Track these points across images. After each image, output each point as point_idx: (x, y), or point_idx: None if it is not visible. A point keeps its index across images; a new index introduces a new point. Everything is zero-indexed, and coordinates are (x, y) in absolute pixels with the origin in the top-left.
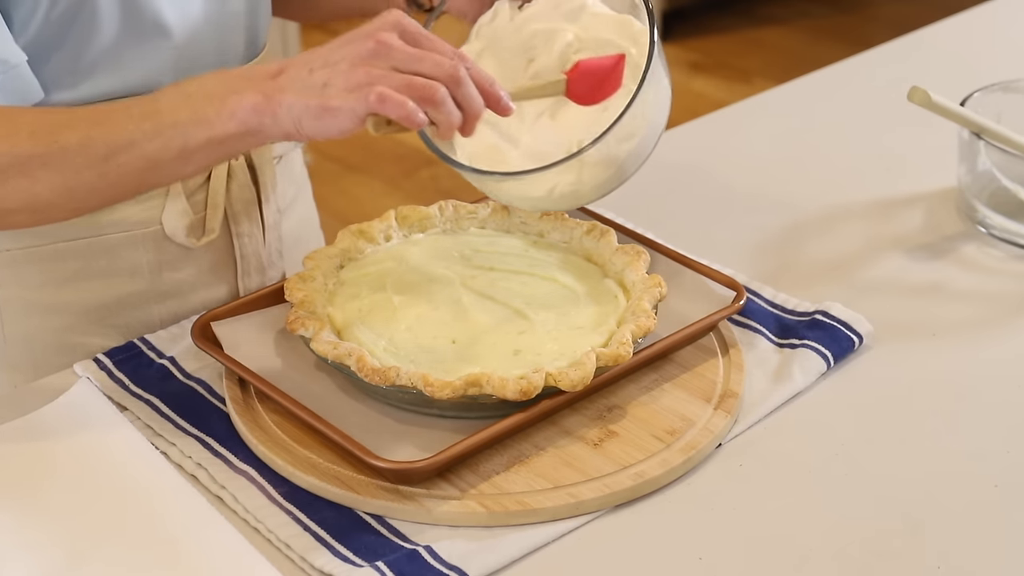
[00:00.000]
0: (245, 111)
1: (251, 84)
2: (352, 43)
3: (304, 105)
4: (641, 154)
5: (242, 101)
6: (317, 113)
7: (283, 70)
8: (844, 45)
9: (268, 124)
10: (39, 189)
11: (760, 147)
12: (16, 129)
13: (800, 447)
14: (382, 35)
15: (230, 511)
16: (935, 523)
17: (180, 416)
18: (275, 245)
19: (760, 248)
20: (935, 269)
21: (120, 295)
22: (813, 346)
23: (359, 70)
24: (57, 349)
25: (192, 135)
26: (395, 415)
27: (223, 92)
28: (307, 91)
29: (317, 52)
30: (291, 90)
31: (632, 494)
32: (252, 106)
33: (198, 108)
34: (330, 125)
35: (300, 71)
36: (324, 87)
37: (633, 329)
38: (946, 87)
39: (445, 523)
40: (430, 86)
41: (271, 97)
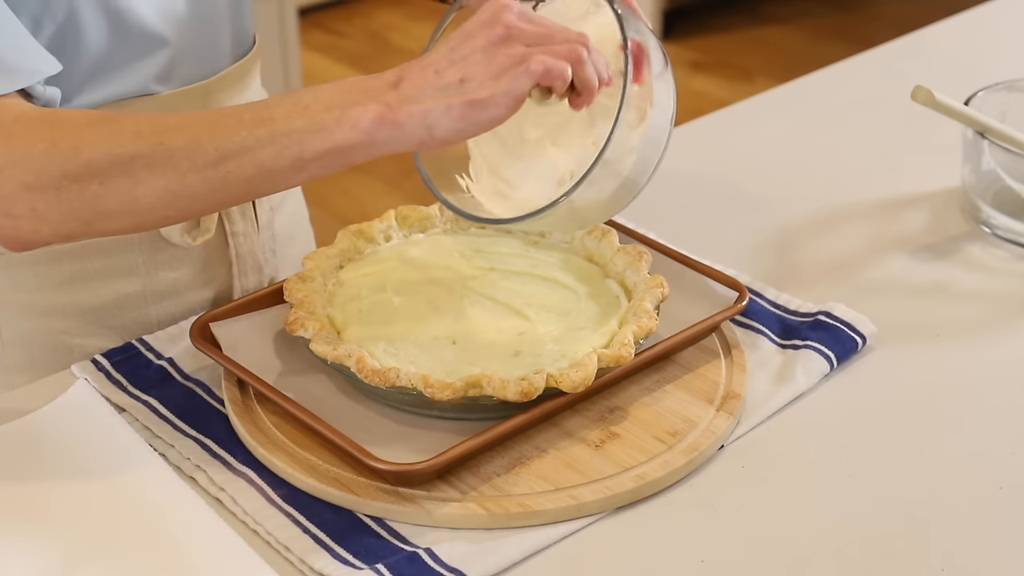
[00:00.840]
0: (369, 122)
1: (372, 95)
2: (475, 36)
3: (445, 107)
4: (650, 160)
5: (366, 112)
6: (463, 112)
7: (402, 78)
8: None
9: (396, 136)
10: (141, 191)
11: (763, 146)
12: (120, 129)
13: (803, 448)
14: (506, 19)
15: (229, 513)
16: (939, 525)
17: (179, 417)
18: (268, 243)
19: (763, 248)
20: (939, 269)
21: (117, 296)
22: (816, 347)
23: (498, 56)
24: (54, 351)
25: (309, 144)
26: (395, 416)
27: (343, 102)
28: (442, 93)
29: (434, 56)
30: (420, 98)
31: (634, 496)
32: (377, 117)
33: (316, 117)
34: (480, 118)
35: (425, 75)
36: (462, 83)
37: (635, 330)
38: (950, 86)
39: (445, 525)
40: (573, 49)
41: (396, 108)
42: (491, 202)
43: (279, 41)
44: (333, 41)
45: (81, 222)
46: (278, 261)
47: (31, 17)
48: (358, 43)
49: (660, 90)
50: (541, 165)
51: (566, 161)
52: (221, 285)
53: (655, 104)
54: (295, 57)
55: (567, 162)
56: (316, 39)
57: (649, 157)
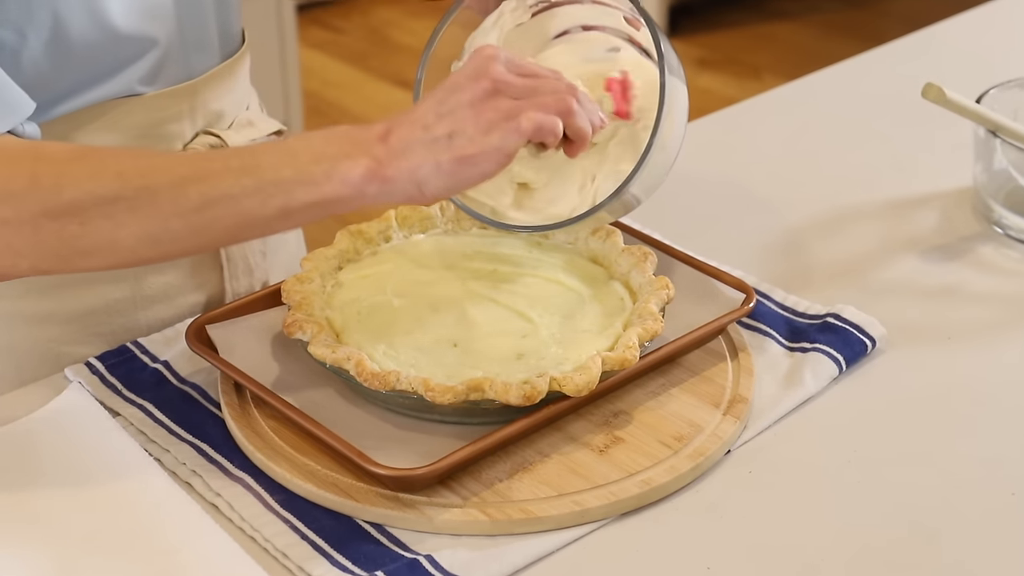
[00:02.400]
0: (359, 177)
1: (361, 149)
2: (462, 89)
3: (434, 164)
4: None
5: (355, 167)
6: (452, 168)
7: (390, 130)
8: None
9: (385, 191)
10: (122, 235)
11: (770, 145)
12: (102, 168)
13: (811, 454)
14: (493, 71)
15: (225, 519)
16: (951, 532)
17: (174, 422)
18: (258, 246)
19: (770, 249)
20: (950, 271)
21: (104, 302)
22: (825, 350)
23: (486, 111)
24: (42, 359)
25: (296, 195)
26: (395, 421)
27: (333, 154)
28: (430, 149)
29: (421, 109)
30: (408, 153)
31: (639, 502)
32: (366, 172)
33: (304, 169)
34: (470, 174)
35: (413, 130)
36: (451, 138)
37: (640, 332)
38: (961, 83)
39: (446, 532)
40: (562, 100)
41: (386, 163)
42: (513, 211)
43: (276, 38)
44: (332, 38)
45: (59, 259)
46: (268, 264)
47: (14, 28)
48: (357, 40)
49: (678, 89)
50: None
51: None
52: (212, 289)
53: (674, 111)
54: (293, 54)
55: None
56: (314, 36)
57: (663, 165)
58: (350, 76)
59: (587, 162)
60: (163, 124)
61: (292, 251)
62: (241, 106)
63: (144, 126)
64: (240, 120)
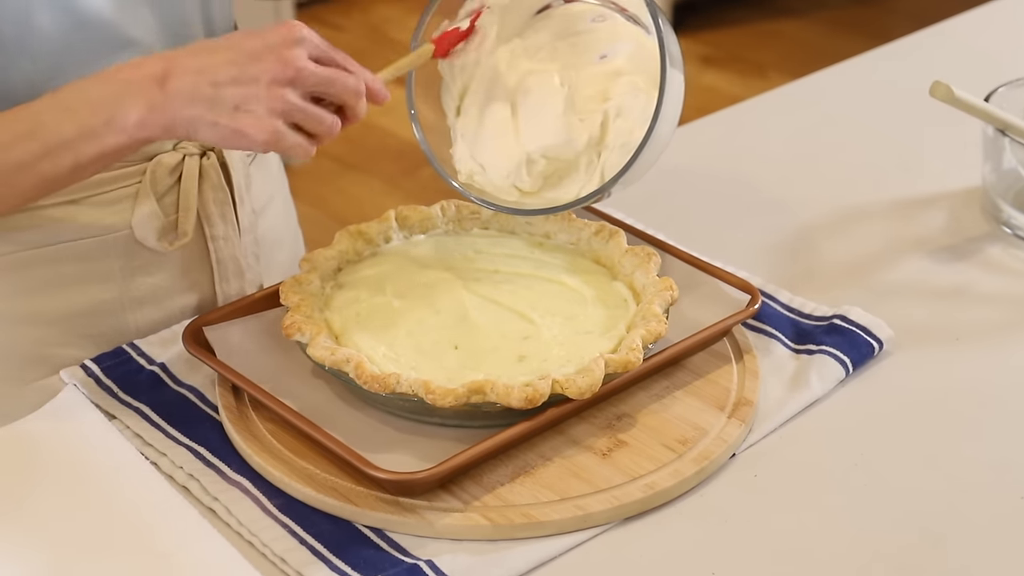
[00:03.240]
0: (133, 125)
1: (136, 92)
2: (263, 61)
3: (211, 123)
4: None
5: (129, 115)
6: (227, 134)
7: (169, 73)
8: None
9: (158, 134)
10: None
11: (776, 144)
12: None
13: (817, 457)
14: (296, 58)
15: (223, 524)
16: (958, 537)
17: (171, 425)
18: (251, 248)
19: (776, 250)
20: (958, 271)
21: (93, 303)
22: (831, 352)
23: (276, 100)
24: (32, 362)
25: (82, 151)
26: (395, 424)
27: (107, 101)
28: (214, 109)
29: (215, 60)
30: (189, 104)
31: (642, 506)
32: (140, 120)
33: (84, 121)
34: (239, 144)
35: (199, 83)
36: (236, 109)
37: (643, 334)
38: (969, 82)
39: (447, 536)
40: (332, 129)
41: (161, 109)
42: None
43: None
44: (331, 35)
45: None
46: (262, 267)
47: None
48: (357, 37)
49: (675, 78)
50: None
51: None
52: (203, 291)
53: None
54: None
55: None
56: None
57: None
58: None
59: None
60: None
61: (289, 253)
62: None
63: None
64: None
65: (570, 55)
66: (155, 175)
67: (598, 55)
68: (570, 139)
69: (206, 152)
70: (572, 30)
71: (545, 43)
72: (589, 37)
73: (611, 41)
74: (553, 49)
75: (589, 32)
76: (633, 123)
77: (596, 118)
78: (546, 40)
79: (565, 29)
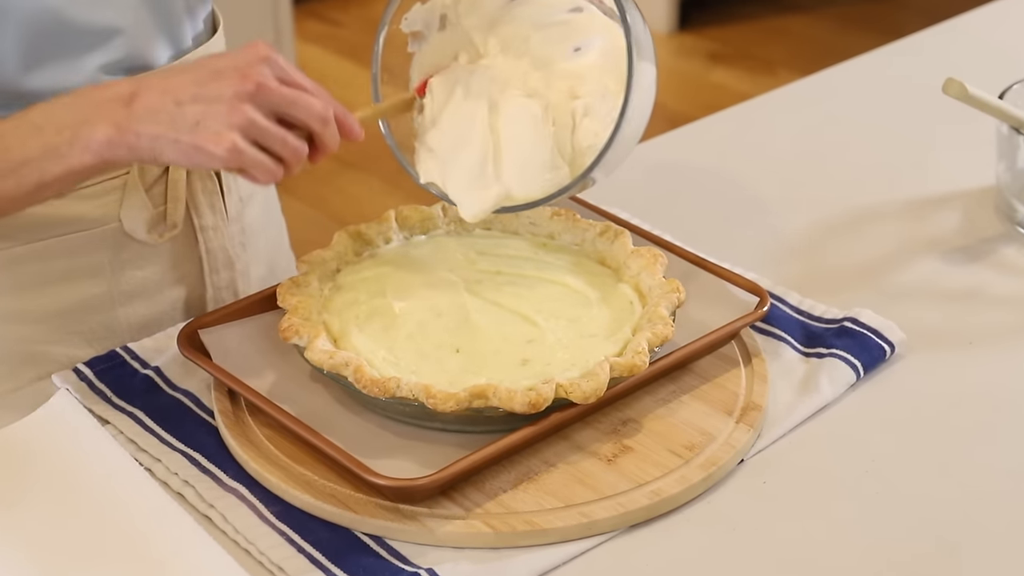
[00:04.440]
0: (99, 144)
1: (103, 112)
2: (225, 79)
3: (172, 140)
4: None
5: (95, 133)
6: (187, 151)
7: (136, 94)
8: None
9: (124, 155)
10: None
11: (785, 143)
12: None
13: (828, 463)
14: (259, 75)
15: (219, 531)
16: (972, 545)
17: (166, 430)
18: (238, 237)
19: (785, 251)
20: (972, 273)
21: (82, 298)
22: (841, 355)
23: (236, 115)
24: (22, 360)
25: (47, 170)
26: (395, 429)
27: (74, 122)
28: (175, 125)
29: (178, 80)
30: (153, 122)
31: (648, 513)
32: (106, 139)
33: (49, 140)
34: (201, 161)
35: (163, 101)
36: (196, 125)
37: (649, 337)
38: (983, 79)
39: (448, 544)
40: (297, 153)
41: (126, 129)
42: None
43: (272, 31)
44: (329, 31)
45: None
46: (248, 255)
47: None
48: (355, 33)
49: (645, 71)
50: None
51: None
52: (192, 283)
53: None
54: (289, 48)
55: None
56: (311, 29)
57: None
58: (348, 71)
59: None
60: None
61: (271, 241)
62: None
63: None
64: None
65: (543, 47)
66: (143, 166)
67: (572, 47)
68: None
69: None
70: (548, 20)
71: (519, 34)
72: (564, 28)
73: (585, 34)
74: (526, 40)
75: (564, 24)
76: (600, 125)
77: (566, 120)
78: (520, 30)
79: (541, 19)
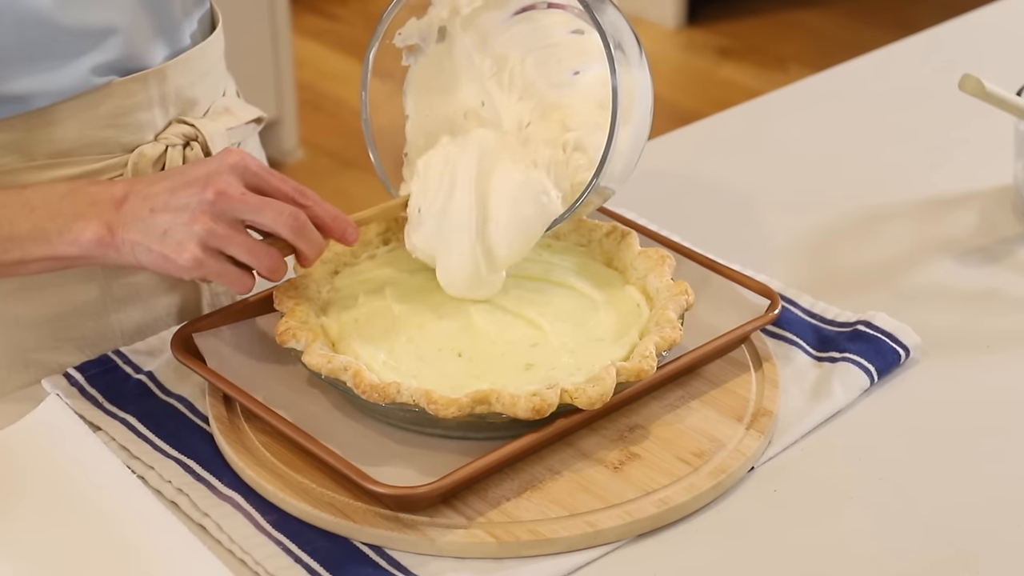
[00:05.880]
0: (88, 241)
1: (97, 211)
2: (192, 186)
3: (146, 248)
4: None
5: (86, 231)
6: (158, 259)
7: (126, 197)
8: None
9: (112, 256)
10: None
11: (796, 141)
12: None
13: (841, 471)
14: (223, 183)
15: (214, 541)
16: (991, 555)
17: (159, 437)
18: None
19: (796, 252)
20: (989, 274)
21: (72, 303)
22: (855, 360)
23: (197, 225)
24: (11, 367)
25: (30, 250)
26: (395, 436)
27: (68, 213)
28: (148, 234)
29: (158, 187)
30: (133, 228)
31: (656, 522)
32: (95, 238)
33: (40, 223)
34: (170, 269)
35: (142, 209)
36: (164, 235)
37: (657, 341)
38: (1001, 74)
39: (450, 554)
40: (267, 260)
41: (114, 231)
42: None
43: (268, 26)
44: (328, 26)
45: None
46: None
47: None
48: (354, 28)
49: (641, 82)
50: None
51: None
52: (187, 288)
53: (637, 100)
54: (286, 44)
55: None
56: (309, 24)
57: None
58: (347, 67)
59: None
60: (131, 112)
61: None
62: (216, 92)
63: (110, 115)
64: (216, 107)
65: (539, 70)
66: (137, 167)
67: (571, 71)
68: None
69: (189, 142)
70: (547, 42)
71: (515, 55)
72: (563, 50)
73: (585, 58)
74: (522, 61)
75: (564, 45)
76: (590, 161)
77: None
78: (517, 51)
79: (539, 40)
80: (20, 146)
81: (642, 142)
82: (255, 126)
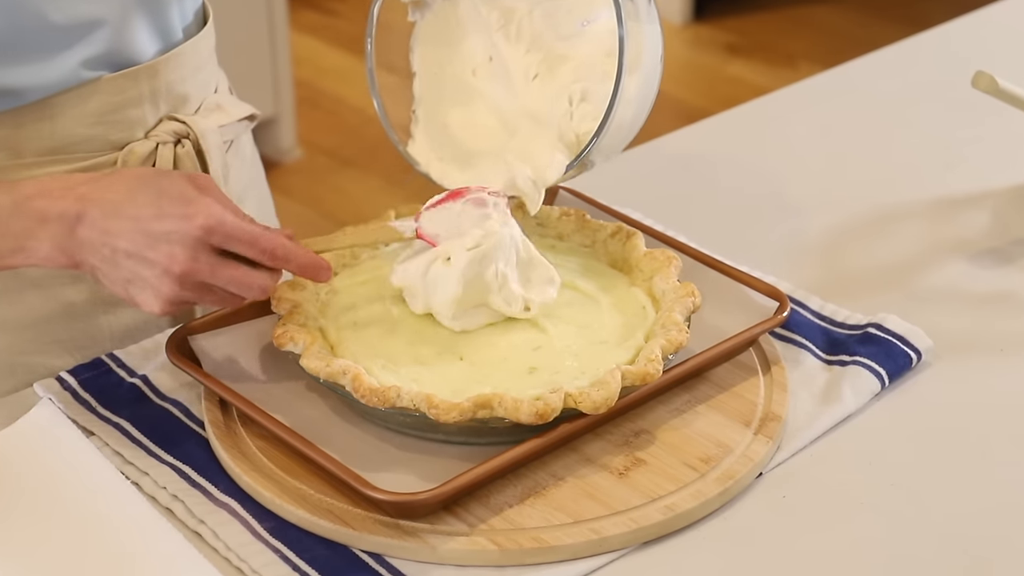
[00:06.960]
0: (44, 258)
1: (48, 232)
2: (157, 250)
3: (111, 280)
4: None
5: (38, 250)
6: (123, 296)
7: (81, 218)
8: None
9: (71, 268)
10: None
11: (805, 139)
12: None
13: (851, 477)
14: (186, 259)
15: (210, 548)
16: (1004, 563)
17: (154, 442)
18: None
19: (806, 253)
20: (1002, 276)
21: (62, 305)
22: (865, 363)
23: (163, 286)
24: (1, 371)
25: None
26: (395, 441)
27: (19, 232)
28: (110, 271)
29: (120, 226)
30: (93, 255)
31: (662, 529)
32: (48, 256)
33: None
34: (133, 304)
35: (103, 241)
36: (128, 282)
37: (663, 344)
38: (1015, 71)
39: (452, 562)
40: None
41: (69, 253)
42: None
43: (265, 22)
44: (325, 21)
45: None
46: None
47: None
48: (353, 24)
49: (650, 33)
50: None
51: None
52: None
53: (646, 50)
54: (284, 39)
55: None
56: (307, 19)
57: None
58: (345, 63)
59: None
60: (121, 109)
61: None
62: (208, 88)
63: (100, 112)
64: (208, 104)
65: (546, 25)
66: (127, 165)
67: (580, 22)
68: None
69: (180, 140)
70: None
71: (522, 9)
72: (571, 1)
73: (593, 7)
74: (530, 13)
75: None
76: (598, 108)
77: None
78: (524, 4)
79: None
80: (8, 143)
81: (652, 92)
82: (247, 123)
